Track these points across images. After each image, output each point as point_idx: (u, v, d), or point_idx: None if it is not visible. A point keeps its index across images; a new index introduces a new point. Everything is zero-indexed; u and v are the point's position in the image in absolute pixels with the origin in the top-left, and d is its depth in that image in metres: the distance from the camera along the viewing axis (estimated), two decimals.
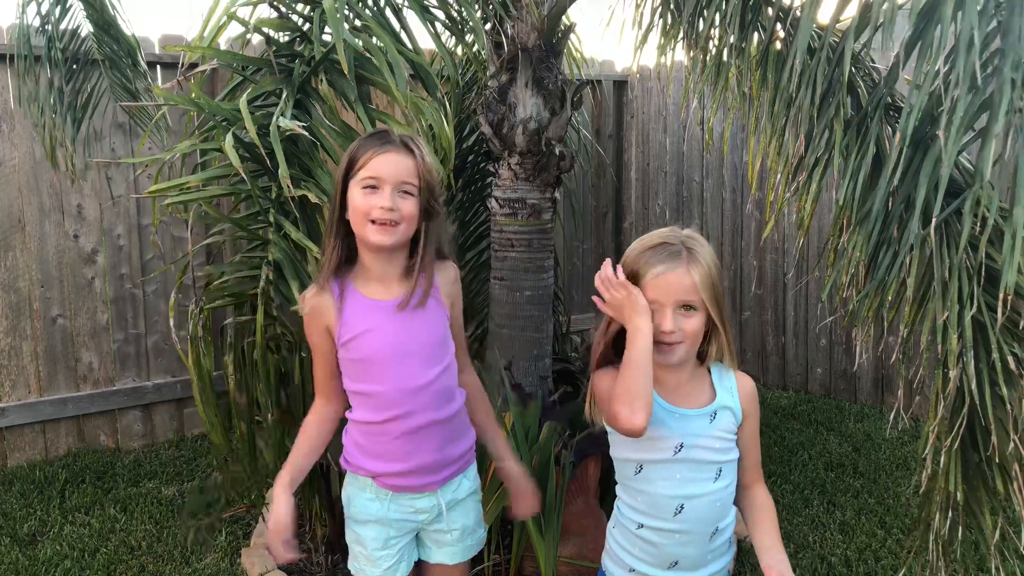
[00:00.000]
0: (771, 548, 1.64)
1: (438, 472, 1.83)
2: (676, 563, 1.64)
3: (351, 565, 1.93)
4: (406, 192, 1.70)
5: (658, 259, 1.55)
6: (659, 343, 1.56)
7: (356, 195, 1.70)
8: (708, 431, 1.62)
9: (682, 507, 1.60)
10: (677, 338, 1.56)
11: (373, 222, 1.68)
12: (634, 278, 1.57)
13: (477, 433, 1.95)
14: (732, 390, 1.67)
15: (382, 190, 1.68)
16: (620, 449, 1.68)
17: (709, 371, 1.69)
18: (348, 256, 1.79)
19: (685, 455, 1.61)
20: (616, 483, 1.74)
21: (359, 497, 1.86)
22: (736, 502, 1.72)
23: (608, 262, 1.59)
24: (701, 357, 1.67)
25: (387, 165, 1.68)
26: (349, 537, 1.91)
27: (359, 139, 1.76)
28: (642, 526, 1.65)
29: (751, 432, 1.69)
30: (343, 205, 1.73)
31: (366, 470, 1.83)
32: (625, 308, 1.54)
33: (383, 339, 1.75)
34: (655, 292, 1.54)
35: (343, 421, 1.89)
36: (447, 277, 1.85)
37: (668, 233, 1.60)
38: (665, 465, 1.61)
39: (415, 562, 1.95)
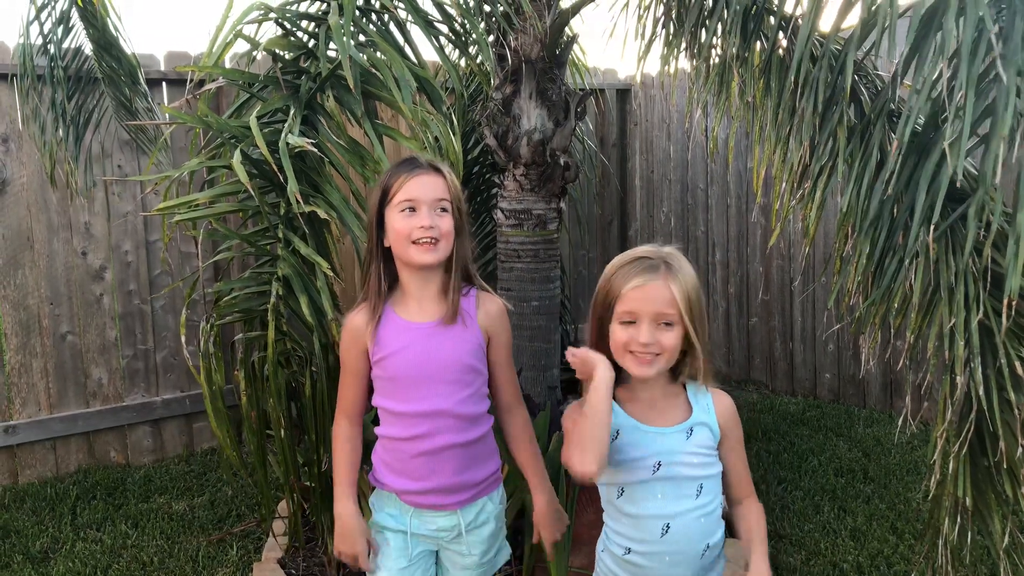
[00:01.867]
0: (752, 572, 1.64)
1: (457, 494, 1.85)
2: None
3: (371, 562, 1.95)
4: (442, 209, 1.77)
5: (636, 272, 1.56)
6: (636, 353, 1.56)
7: (396, 220, 1.76)
8: (685, 447, 1.61)
9: (668, 527, 1.59)
10: (654, 350, 1.55)
11: (415, 243, 1.74)
12: (612, 296, 1.58)
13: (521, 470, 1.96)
14: (708, 407, 1.66)
15: (419, 211, 1.75)
16: (601, 473, 1.68)
17: (684, 388, 1.68)
18: (390, 282, 1.86)
19: (664, 473, 1.60)
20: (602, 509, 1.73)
21: (383, 511, 1.91)
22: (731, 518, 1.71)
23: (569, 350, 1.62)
24: (675, 374, 1.66)
25: (420, 187, 1.75)
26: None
27: (389, 169, 1.84)
28: (630, 551, 1.64)
29: (732, 448, 1.68)
30: (379, 235, 1.80)
31: (389, 486, 1.88)
32: (588, 367, 1.55)
33: (411, 359, 1.80)
34: (632, 304, 1.55)
35: (374, 439, 1.93)
36: (486, 309, 1.86)
37: (649, 248, 1.61)
38: (646, 485, 1.61)
39: None
